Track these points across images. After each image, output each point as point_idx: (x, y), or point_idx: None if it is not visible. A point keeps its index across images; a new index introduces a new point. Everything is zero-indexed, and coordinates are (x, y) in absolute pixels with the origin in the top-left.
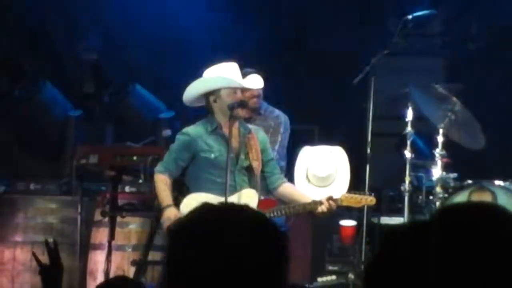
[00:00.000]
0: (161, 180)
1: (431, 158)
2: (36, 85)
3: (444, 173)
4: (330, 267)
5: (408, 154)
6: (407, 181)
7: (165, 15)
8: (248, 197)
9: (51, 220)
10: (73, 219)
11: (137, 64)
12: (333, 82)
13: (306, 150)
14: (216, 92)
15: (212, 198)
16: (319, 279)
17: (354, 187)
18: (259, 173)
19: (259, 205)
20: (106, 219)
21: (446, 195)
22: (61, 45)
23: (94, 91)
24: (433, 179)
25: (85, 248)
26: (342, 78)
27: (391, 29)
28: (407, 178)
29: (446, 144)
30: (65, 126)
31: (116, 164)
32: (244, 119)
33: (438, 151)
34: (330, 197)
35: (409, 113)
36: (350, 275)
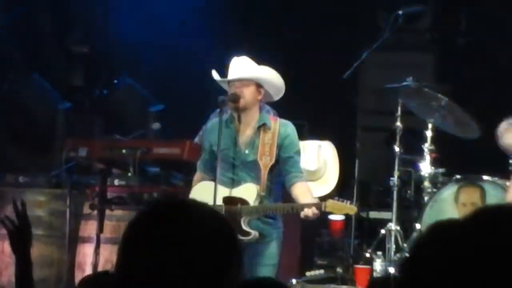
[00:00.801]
0: (194, 181)
1: (420, 153)
2: (25, 78)
3: (432, 168)
4: (319, 261)
5: (397, 148)
6: (396, 176)
7: (153, 7)
8: (246, 191)
9: (40, 213)
10: (62, 212)
11: (127, 57)
12: (322, 77)
13: None
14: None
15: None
16: (307, 273)
17: (343, 182)
18: (267, 169)
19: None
20: (95, 212)
21: (434, 190)
22: (50, 38)
23: (83, 84)
24: (422, 174)
25: (74, 241)
26: (331, 73)
27: (380, 24)
28: (396, 173)
29: (435, 139)
30: (54, 119)
31: (105, 157)
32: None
33: (426, 146)
34: (316, 203)
35: (398, 108)
36: (339, 269)
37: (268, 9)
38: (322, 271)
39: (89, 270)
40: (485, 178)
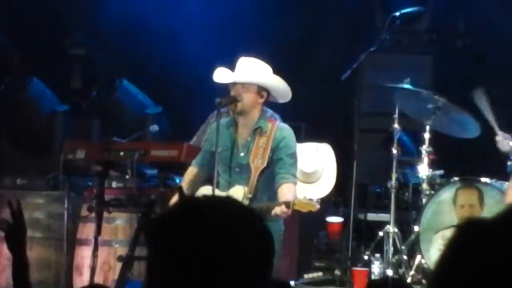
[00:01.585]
0: (187, 174)
1: (418, 155)
2: (23, 80)
3: (430, 170)
4: (316, 264)
5: (394, 150)
6: (393, 178)
7: (153, 10)
8: (234, 193)
9: (38, 215)
10: (59, 214)
11: (124, 59)
12: (320, 78)
13: None
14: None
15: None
16: (305, 276)
17: (341, 184)
18: (257, 172)
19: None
20: (92, 214)
21: (432, 192)
22: (49, 40)
23: (81, 86)
24: (420, 176)
25: (72, 243)
26: (329, 75)
27: (379, 26)
28: (393, 175)
29: (433, 141)
30: (52, 121)
31: (103, 160)
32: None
33: (424, 148)
34: (285, 201)
35: (396, 110)
36: (337, 271)
37: (266, 9)
38: (320, 273)
39: (87, 273)
40: (483, 180)
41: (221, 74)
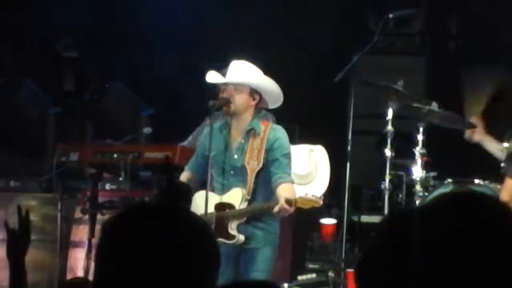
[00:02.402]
0: (182, 177)
1: (411, 157)
2: (16, 82)
3: (424, 172)
4: (310, 265)
5: (388, 152)
6: (387, 180)
7: (145, 12)
8: (233, 196)
9: (31, 217)
10: (53, 216)
11: (118, 62)
12: (313, 81)
13: None
14: None
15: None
16: (299, 277)
17: (334, 186)
18: (253, 173)
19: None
20: (86, 217)
21: (426, 194)
22: (41, 42)
23: (74, 88)
24: (413, 177)
25: (65, 245)
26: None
27: (371, 28)
28: (387, 177)
29: (426, 143)
30: (45, 124)
31: (97, 162)
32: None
33: (418, 149)
34: (288, 198)
35: (389, 112)
36: (330, 273)
37: (259, 12)
38: (313, 275)
39: (80, 275)
40: (476, 181)
41: (213, 76)
